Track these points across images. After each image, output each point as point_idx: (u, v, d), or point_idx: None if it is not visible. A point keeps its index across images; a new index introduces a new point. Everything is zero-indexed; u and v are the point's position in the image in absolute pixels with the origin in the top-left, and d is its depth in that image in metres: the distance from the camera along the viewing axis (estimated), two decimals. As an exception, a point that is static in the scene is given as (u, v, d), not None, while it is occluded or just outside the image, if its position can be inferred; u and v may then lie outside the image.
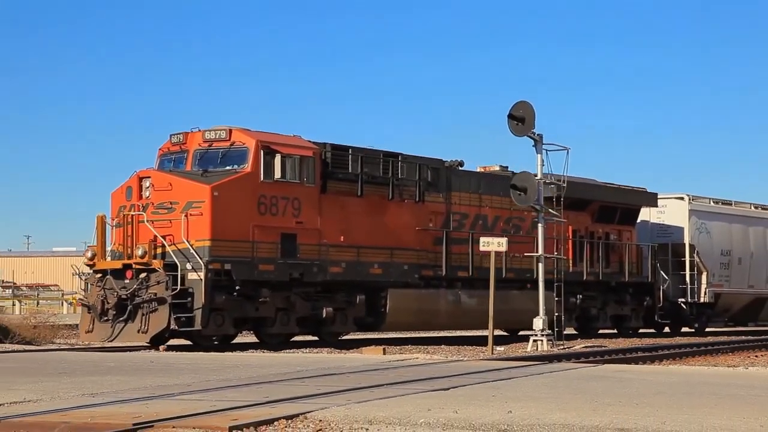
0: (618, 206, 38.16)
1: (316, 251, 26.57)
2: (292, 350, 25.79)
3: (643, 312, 39.17)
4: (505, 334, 36.86)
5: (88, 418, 9.81)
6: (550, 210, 30.46)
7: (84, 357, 21.00)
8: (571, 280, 35.49)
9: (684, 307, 40.40)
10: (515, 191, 29.36)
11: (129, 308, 23.90)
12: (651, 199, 39.99)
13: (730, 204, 44.78)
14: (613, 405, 11.47)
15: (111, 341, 23.97)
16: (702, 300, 40.84)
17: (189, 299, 23.93)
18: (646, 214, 40.96)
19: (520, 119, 28.45)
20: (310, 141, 27.01)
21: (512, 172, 34.50)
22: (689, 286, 40.04)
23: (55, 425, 9.56)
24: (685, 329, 42.35)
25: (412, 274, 29.37)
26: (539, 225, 29.93)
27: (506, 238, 28.61)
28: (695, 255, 40.38)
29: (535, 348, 27.72)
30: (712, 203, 43.41)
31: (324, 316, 26.96)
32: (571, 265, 35.73)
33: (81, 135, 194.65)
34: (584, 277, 35.89)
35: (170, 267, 23.82)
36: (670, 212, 41.19)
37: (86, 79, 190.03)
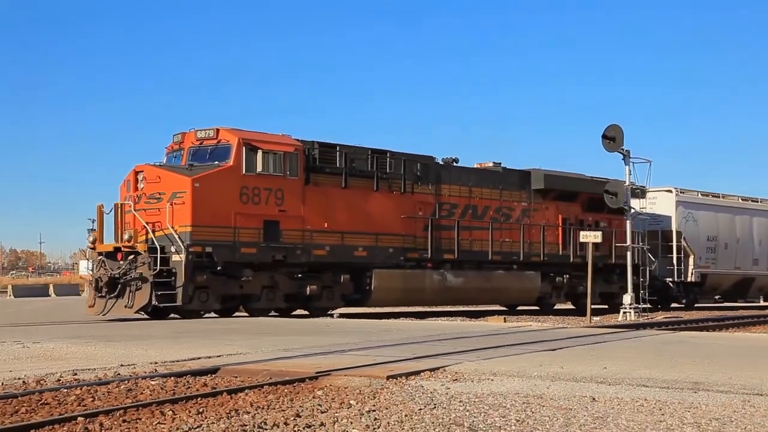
0: (607, 197, 34.93)
1: (300, 236, 24.19)
2: (432, 318, 26.20)
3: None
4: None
5: (282, 367, 10.53)
6: (633, 208, 30.90)
7: (278, 322, 21.32)
8: (559, 261, 32.83)
9: (671, 285, 37.32)
10: (608, 195, 29.71)
11: (119, 286, 21.92)
12: (638, 192, 36.68)
13: (718, 196, 41.43)
14: (689, 363, 11.54)
15: (104, 314, 21.95)
16: (689, 279, 37.79)
17: (173, 278, 21.84)
18: (639, 205, 37.86)
19: (611, 138, 28.75)
20: (296, 139, 24.70)
21: (504, 167, 31.87)
22: (676, 268, 36.99)
23: (259, 372, 10.20)
24: (674, 305, 39.26)
25: (397, 256, 26.82)
26: (627, 221, 30.55)
27: (600, 232, 29.47)
28: (682, 240, 37.34)
29: (624, 318, 28.35)
30: (699, 195, 40.08)
31: (308, 293, 24.64)
32: (561, 249, 32.93)
33: (103, 137, 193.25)
34: (571, 259, 32.85)
35: (155, 250, 21.75)
36: (660, 203, 38.09)
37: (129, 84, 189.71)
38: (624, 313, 28.72)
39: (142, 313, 22.45)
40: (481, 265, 29.80)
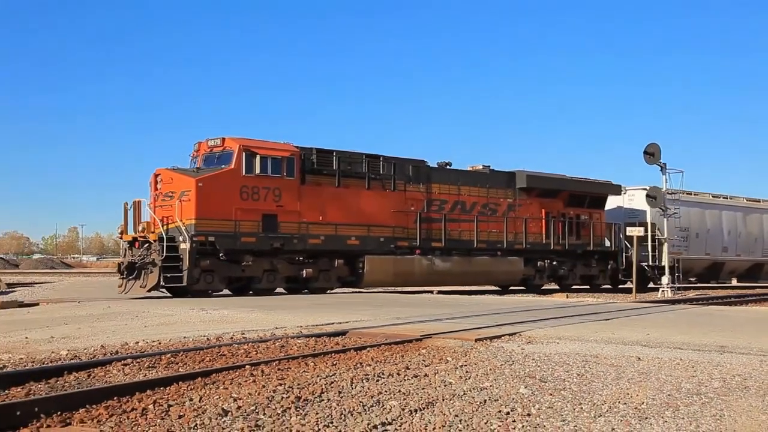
0: (586, 194, 32.79)
1: (296, 227, 22.83)
2: (508, 294, 26.45)
3: (609, 273, 33.76)
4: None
5: (395, 331, 10.87)
6: (661, 207, 30.61)
7: (389, 297, 21.39)
8: (541, 249, 30.86)
9: (647, 268, 34.89)
10: (649, 198, 30.28)
11: (136, 270, 20.91)
12: (615, 189, 34.50)
13: (690, 193, 38.69)
14: (716, 331, 11.58)
15: (126, 293, 20.97)
16: (663, 264, 35.18)
17: (180, 263, 20.72)
18: (620, 201, 35.67)
19: (651, 153, 29.28)
20: (295, 146, 23.34)
21: (492, 169, 30.06)
22: (651, 254, 34.53)
23: (377, 334, 10.62)
24: (651, 285, 36.80)
25: (388, 244, 25.26)
26: (665, 220, 30.93)
27: (642, 227, 29.56)
28: (656, 231, 34.76)
29: (662, 295, 28.37)
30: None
31: (304, 276, 23.26)
32: (543, 238, 30.96)
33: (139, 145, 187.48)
34: (552, 247, 30.87)
35: (164, 239, 20.68)
36: (637, 200, 35.57)
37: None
38: (662, 291, 28.92)
39: (164, 291, 21.47)
40: (469, 252, 28.10)
